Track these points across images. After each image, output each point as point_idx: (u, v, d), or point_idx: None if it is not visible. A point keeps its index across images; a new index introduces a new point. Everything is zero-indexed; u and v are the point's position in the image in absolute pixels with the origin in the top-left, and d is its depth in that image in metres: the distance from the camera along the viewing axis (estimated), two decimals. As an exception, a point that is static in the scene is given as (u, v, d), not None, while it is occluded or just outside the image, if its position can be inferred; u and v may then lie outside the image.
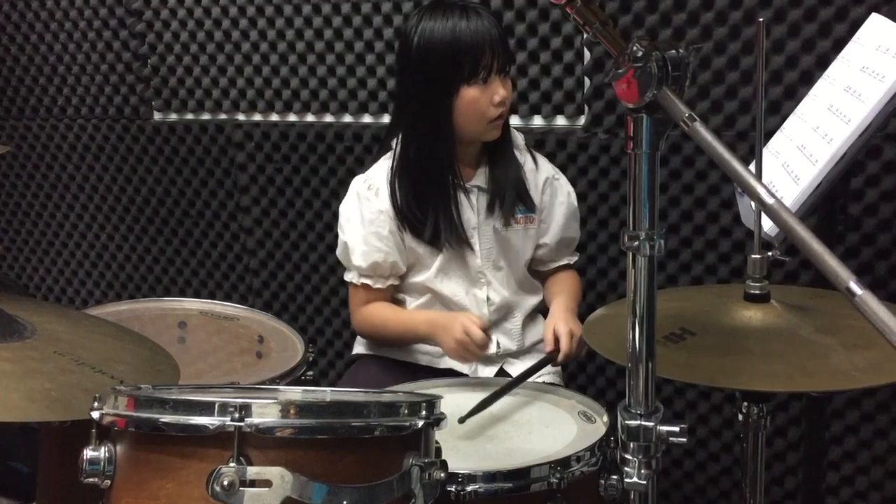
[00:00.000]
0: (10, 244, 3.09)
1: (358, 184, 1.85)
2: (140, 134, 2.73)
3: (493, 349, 1.83)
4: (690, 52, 1.00)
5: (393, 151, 1.83)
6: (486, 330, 1.70)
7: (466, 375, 1.81)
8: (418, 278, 1.84)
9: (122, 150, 2.77)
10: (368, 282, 1.83)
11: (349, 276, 1.86)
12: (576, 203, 1.93)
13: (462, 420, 1.50)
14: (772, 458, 2.20)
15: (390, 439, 1.07)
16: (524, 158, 1.88)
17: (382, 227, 1.79)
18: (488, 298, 1.84)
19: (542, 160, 1.92)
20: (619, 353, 1.18)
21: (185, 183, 2.71)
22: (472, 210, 1.83)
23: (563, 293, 1.88)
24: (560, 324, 1.74)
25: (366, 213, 1.81)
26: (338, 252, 1.88)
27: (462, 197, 1.81)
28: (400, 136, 1.82)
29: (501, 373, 1.84)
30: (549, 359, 1.72)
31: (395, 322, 1.85)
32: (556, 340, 1.72)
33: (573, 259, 1.96)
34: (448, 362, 1.84)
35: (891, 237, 2.02)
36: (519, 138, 1.90)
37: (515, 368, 1.85)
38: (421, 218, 1.79)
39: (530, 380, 1.70)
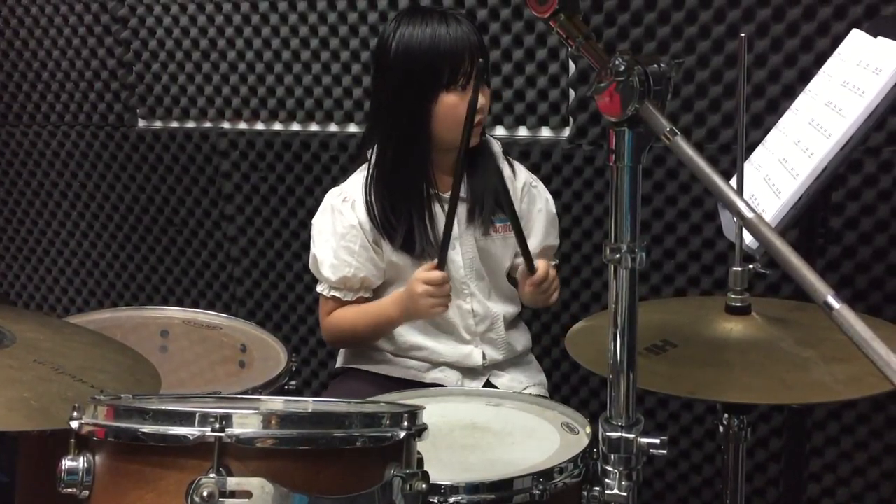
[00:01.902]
0: (-8, 251, 3.07)
1: (332, 197, 1.83)
2: (124, 141, 2.72)
3: (479, 360, 1.83)
4: (672, 66, 1.01)
5: (368, 162, 1.82)
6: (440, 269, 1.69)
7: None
8: (398, 289, 1.83)
9: (106, 157, 2.76)
10: (338, 294, 1.81)
11: (320, 288, 1.84)
12: (554, 210, 1.92)
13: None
14: (753, 470, 2.21)
15: (372, 450, 1.07)
16: (502, 166, 1.87)
17: (354, 241, 1.78)
18: (473, 310, 1.84)
19: (518, 167, 1.91)
20: (600, 365, 1.18)
21: (168, 191, 2.70)
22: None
23: None
24: (542, 262, 1.77)
25: (338, 227, 1.79)
26: (310, 264, 1.86)
27: (440, 207, 1.81)
28: (376, 146, 1.81)
29: (488, 385, 1.83)
30: (532, 264, 1.73)
31: (365, 317, 1.82)
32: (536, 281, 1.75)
33: (550, 263, 1.96)
34: (434, 375, 1.83)
35: (871, 250, 2.03)
36: (496, 146, 1.88)
37: (501, 380, 1.84)
38: (397, 227, 1.78)
39: (516, 391, 1.71)
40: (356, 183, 1.82)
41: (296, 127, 2.54)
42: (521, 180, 1.88)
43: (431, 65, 1.69)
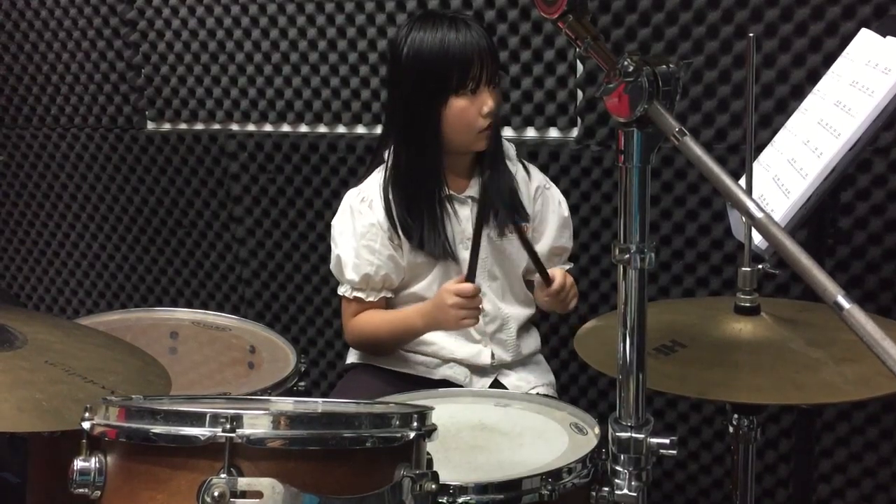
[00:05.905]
0: (2, 253, 3.08)
1: (351, 197, 1.86)
2: (133, 144, 2.73)
3: (487, 360, 1.84)
4: (681, 66, 1.01)
5: (385, 163, 1.84)
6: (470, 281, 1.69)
7: (461, 387, 1.82)
8: (414, 288, 1.85)
9: (116, 159, 2.77)
10: (361, 295, 1.82)
11: (342, 290, 1.85)
12: (567, 213, 1.93)
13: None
14: (763, 471, 2.20)
15: (382, 451, 1.07)
16: (515, 168, 1.88)
17: (374, 240, 1.80)
18: (483, 310, 1.84)
19: (533, 170, 1.93)
20: (609, 366, 1.18)
21: (178, 193, 2.71)
22: (466, 221, 1.83)
23: None
24: (559, 271, 1.79)
25: (358, 227, 1.81)
26: (331, 266, 1.88)
27: (453, 208, 1.82)
28: (391, 147, 1.83)
29: (496, 384, 1.84)
30: (546, 276, 1.76)
31: (388, 325, 1.84)
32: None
33: (565, 269, 1.96)
34: (443, 372, 1.84)
35: (881, 250, 2.03)
36: (510, 149, 1.91)
37: (510, 380, 1.86)
38: (414, 227, 1.79)
39: (523, 392, 1.71)
40: (374, 183, 1.85)
41: (304, 129, 2.54)
42: (535, 182, 1.90)
43: (440, 69, 1.71)
